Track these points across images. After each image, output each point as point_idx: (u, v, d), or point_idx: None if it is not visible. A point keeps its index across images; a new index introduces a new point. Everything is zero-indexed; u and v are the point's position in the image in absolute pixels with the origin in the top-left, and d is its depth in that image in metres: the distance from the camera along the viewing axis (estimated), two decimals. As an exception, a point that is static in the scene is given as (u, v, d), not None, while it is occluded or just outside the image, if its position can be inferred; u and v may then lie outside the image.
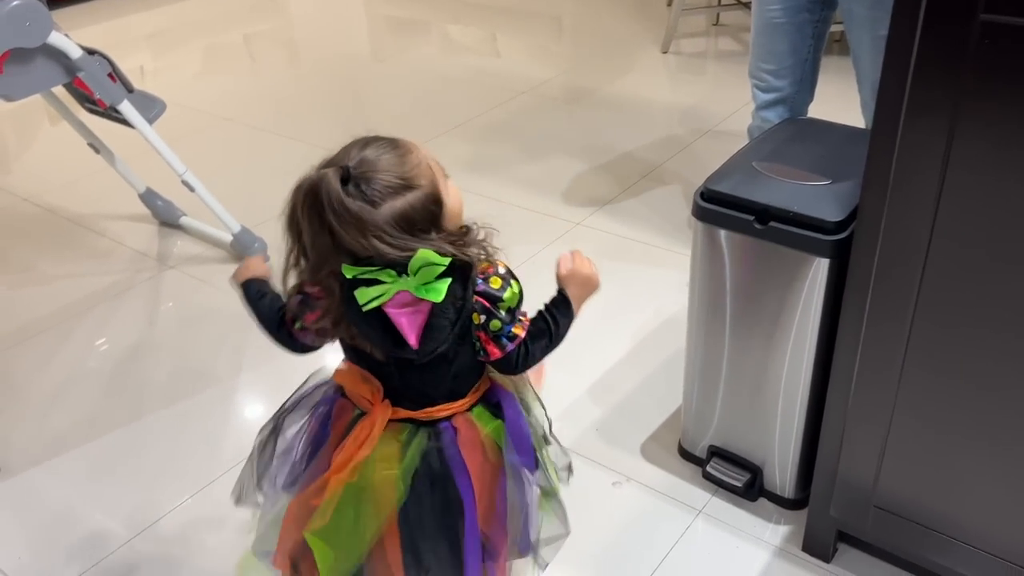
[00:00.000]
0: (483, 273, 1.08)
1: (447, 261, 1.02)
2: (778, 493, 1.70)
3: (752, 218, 1.48)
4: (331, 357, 1.26)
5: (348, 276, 1.03)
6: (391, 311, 1.03)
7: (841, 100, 2.35)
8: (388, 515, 1.14)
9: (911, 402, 1.33)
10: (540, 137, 3.38)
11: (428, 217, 1.04)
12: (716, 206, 1.52)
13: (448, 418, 1.16)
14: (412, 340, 1.04)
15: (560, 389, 2.00)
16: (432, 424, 1.16)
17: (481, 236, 1.09)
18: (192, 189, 2.45)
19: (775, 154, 1.59)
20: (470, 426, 1.17)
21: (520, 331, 1.12)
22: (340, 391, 1.21)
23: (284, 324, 1.20)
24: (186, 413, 2.06)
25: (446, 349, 1.08)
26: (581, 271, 1.22)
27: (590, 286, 1.23)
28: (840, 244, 1.41)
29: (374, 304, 1.03)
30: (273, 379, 2.15)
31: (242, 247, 2.56)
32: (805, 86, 2.08)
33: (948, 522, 1.39)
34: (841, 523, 1.54)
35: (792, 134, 1.67)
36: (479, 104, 3.64)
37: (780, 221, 1.45)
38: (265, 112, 3.73)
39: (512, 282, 1.10)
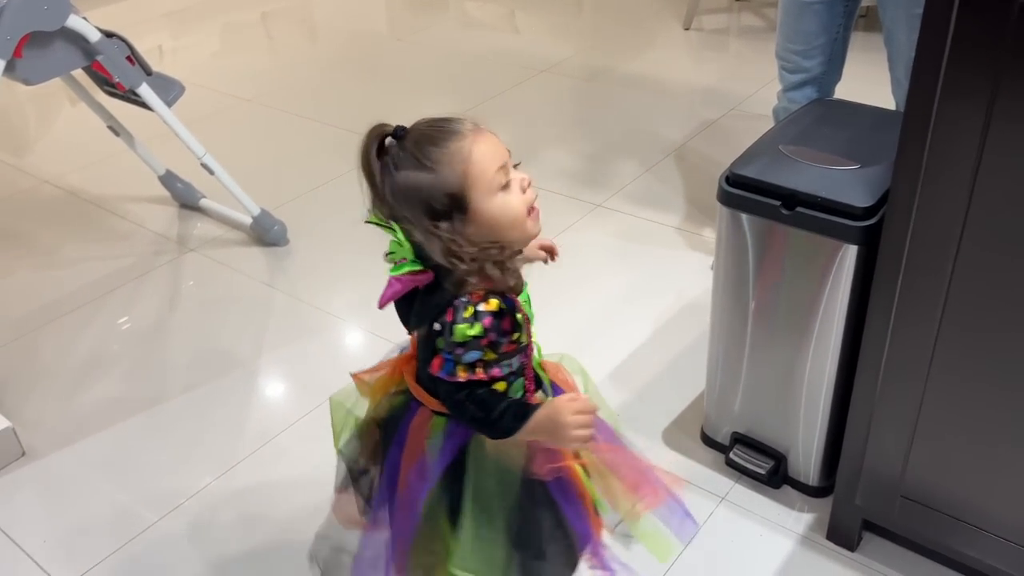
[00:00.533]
0: (470, 295, 1.05)
1: (407, 248, 1.04)
2: (802, 481, 1.68)
3: (779, 203, 1.45)
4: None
5: (366, 221, 1.09)
6: (391, 273, 1.07)
7: (868, 78, 2.30)
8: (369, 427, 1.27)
9: (940, 391, 1.31)
10: (560, 116, 3.35)
11: (436, 207, 1.04)
12: (741, 191, 1.49)
13: (420, 403, 1.18)
14: (379, 301, 1.07)
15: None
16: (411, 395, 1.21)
17: (509, 265, 1.07)
18: (211, 172, 2.44)
19: (802, 137, 1.55)
20: (423, 425, 1.17)
21: (463, 376, 1.06)
22: None
23: None
24: (209, 395, 2.07)
25: (421, 342, 1.12)
26: (561, 417, 1.06)
27: (555, 434, 1.07)
28: (869, 230, 1.38)
29: (390, 258, 1.08)
30: (294, 360, 2.16)
31: (262, 230, 2.55)
32: (834, 66, 2.04)
33: (977, 512, 1.37)
34: (867, 512, 1.52)
35: (820, 116, 1.63)
36: (498, 83, 3.60)
37: (807, 206, 1.42)
38: (284, 92, 3.71)
39: (476, 325, 1.03)
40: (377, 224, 1.08)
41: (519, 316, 1.08)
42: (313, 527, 1.70)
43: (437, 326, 1.05)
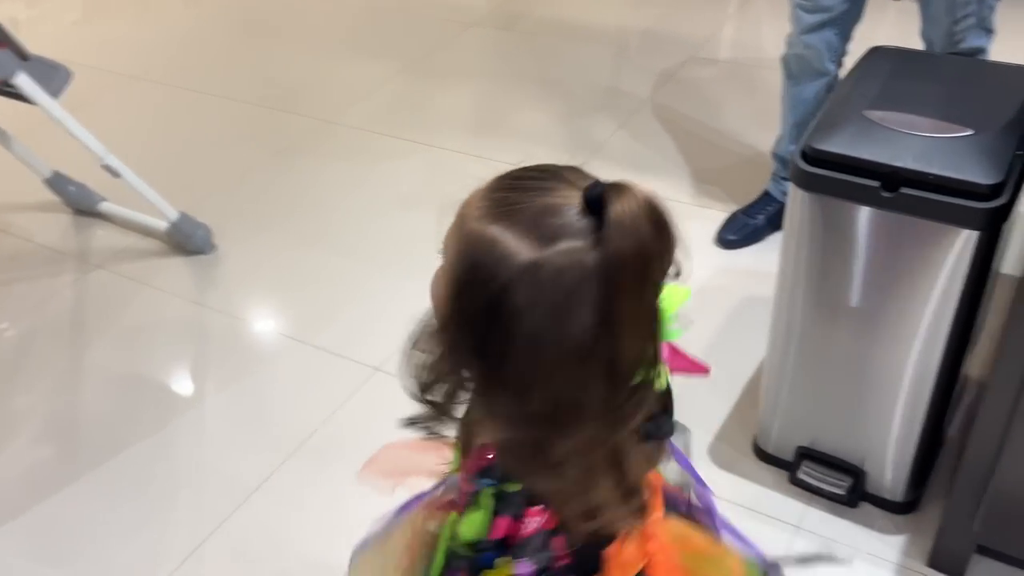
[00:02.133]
0: None
1: None
2: (885, 497, 1.46)
3: (877, 184, 1.18)
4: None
5: None
6: None
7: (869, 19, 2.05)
8: None
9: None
10: (502, 75, 2.99)
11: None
12: (825, 170, 1.22)
13: None
14: None
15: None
16: None
17: None
18: (117, 175, 2.00)
19: (886, 98, 1.28)
20: None
21: None
22: None
23: None
24: (148, 455, 1.68)
25: None
26: None
27: None
28: (995, 212, 1.14)
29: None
30: (248, 402, 1.78)
31: (182, 236, 2.14)
32: (857, 2, 1.77)
33: None
34: (986, 538, 1.30)
35: (893, 70, 1.36)
36: (419, 39, 3.20)
37: (914, 186, 1.16)
38: (175, 65, 3.20)
39: None
40: None
41: None
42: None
43: None
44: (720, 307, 1.89)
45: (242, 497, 1.58)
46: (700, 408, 1.67)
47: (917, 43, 1.85)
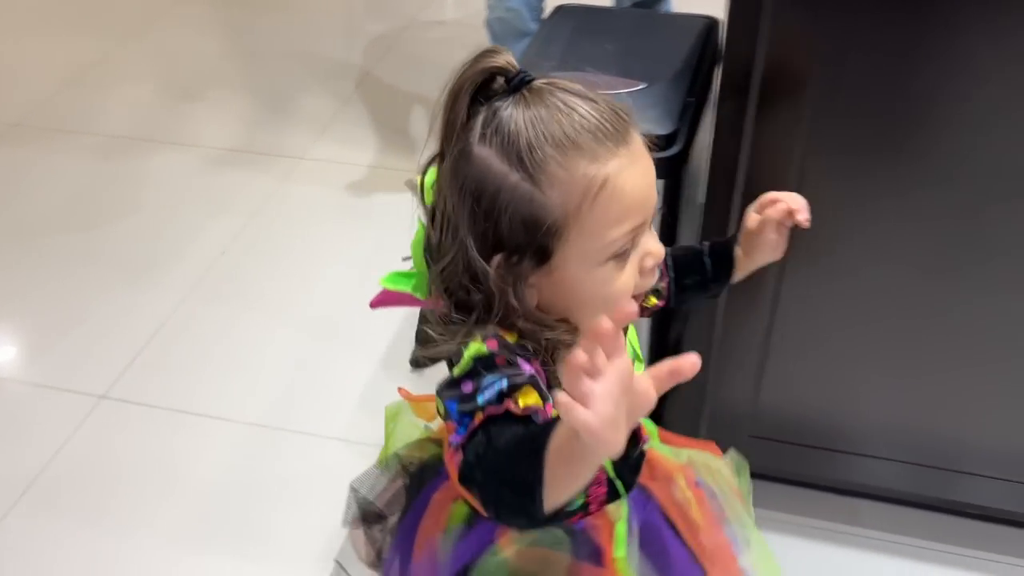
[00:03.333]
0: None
1: (411, 279, 0.80)
2: (626, 435, 1.53)
3: (565, 144, 1.21)
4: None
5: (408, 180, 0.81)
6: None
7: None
8: None
9: (788, 322, 1.20)
10: (220, 51, 2.82)
11: (504, 231, 0.67)
12: (518, 136, 1.23)
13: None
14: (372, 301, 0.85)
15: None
16: None
17: (563, 350, 0.69)
18: None
19: (568, 58, 1.31)
20: (444, 505, 0.88)
21: (478, 420, 0.64)
22: None
23: None
24: None
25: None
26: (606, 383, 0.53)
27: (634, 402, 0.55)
28: (673, 160, 1.20)
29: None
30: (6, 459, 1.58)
31: None
32: (547, -38, 1.81)
33: (834, 435, 1.30)
34: (709, 458, 1.40)
35: (575, 28, 1.39)
36: (125, 15, 2.95)
37: (599, 142, 1.20)
38: None
39: (481, 344, 0.67)
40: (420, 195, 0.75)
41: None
42: None
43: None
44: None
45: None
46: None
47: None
